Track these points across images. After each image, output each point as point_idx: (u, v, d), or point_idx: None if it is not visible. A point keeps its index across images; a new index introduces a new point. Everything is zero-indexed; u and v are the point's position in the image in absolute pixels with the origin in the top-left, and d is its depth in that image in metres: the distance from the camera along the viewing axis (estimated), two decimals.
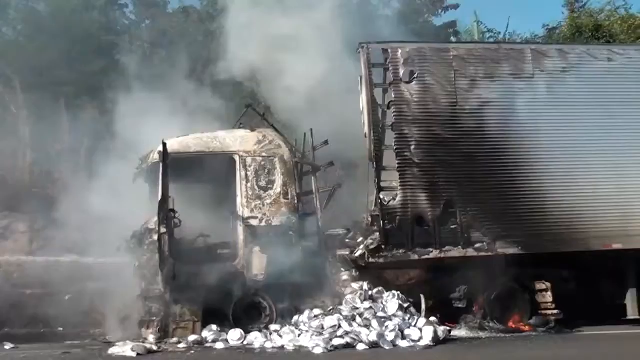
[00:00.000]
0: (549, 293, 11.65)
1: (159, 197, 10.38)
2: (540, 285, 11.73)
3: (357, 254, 11.47)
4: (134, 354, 9.71)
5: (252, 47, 13.66)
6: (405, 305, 10.77)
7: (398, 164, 11.48)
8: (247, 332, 10.48)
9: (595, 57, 12.38)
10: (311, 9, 13.41)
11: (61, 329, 12.60)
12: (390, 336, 10.04)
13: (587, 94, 12.10)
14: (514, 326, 11.54)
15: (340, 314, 10.49)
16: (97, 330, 12.14)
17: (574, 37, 21.38)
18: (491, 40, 21.90)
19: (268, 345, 10.16)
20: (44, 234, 14.06)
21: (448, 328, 10.83)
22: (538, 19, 48.38)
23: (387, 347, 9.91)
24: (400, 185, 11.43)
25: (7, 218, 14.25)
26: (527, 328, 11.53)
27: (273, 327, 10.66)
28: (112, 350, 9.97)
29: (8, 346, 10.77)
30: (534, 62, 12.08)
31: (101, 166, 11.96)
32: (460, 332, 11.15)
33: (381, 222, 11.30)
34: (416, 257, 11.33)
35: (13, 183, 15.36)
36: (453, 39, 20.31)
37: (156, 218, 10.44)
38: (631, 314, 11.99)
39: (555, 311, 11.61)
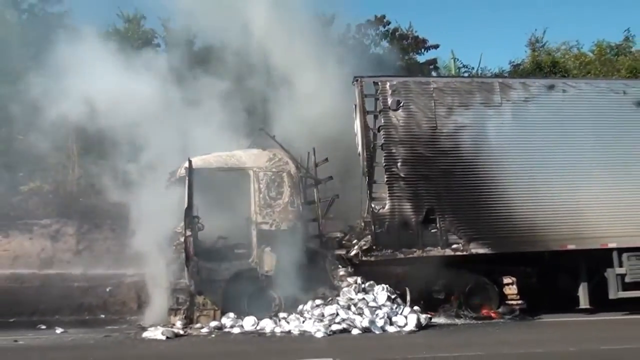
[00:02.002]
0: (514, 286, 11.72)
1: (185, 206, 10.46)
2: (507, 280, 11.78)
3: (352, 253, 11.52)
4: (163, 338, 9.79)
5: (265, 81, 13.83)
6: (393, 296, 10.82)
7: (387, 178, 11.51)
8: (259, 319, 10.49)
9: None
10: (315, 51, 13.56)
11: (103, 316, 12.64)
12: (380, 322, 10.10)
13: (546, 120, 12.09)
14: (485, 314, 11.57)
15: (338, 303, 10.54)
16: (133, 317, 12.18)
17: (534, 72, 21.41)
18: (466, 74, 21.89)
19: (277, 330, 10.22)
20: (89, 236, 14.13)
21: (429, 316, 10.84)
22: (505, 56, 49.53)
23: (377, 332, 9.97)
24: (388, 196, 11.46)
25: (58, 223, 14.32)
26: (496, 316, 11.57)
27: (281, 314, 10.69)
28: (146, 334, 10.04)
29: (59, 330, 10.88)
30: (501, 93, 12.11)
31: (136, 178, 12.01)
32: (439, 320, 11.17)
33: (372, 226, 11.34)
34: (402, 256, 11.35)
35: (63, 193, 15.45)
36: (434, 73, 20.28)
37: (183, 223, 10.51)
38: (583, 304, 11.98)
39: (519, 301, 11.67)
